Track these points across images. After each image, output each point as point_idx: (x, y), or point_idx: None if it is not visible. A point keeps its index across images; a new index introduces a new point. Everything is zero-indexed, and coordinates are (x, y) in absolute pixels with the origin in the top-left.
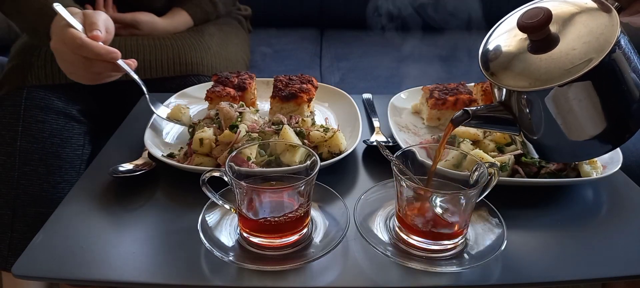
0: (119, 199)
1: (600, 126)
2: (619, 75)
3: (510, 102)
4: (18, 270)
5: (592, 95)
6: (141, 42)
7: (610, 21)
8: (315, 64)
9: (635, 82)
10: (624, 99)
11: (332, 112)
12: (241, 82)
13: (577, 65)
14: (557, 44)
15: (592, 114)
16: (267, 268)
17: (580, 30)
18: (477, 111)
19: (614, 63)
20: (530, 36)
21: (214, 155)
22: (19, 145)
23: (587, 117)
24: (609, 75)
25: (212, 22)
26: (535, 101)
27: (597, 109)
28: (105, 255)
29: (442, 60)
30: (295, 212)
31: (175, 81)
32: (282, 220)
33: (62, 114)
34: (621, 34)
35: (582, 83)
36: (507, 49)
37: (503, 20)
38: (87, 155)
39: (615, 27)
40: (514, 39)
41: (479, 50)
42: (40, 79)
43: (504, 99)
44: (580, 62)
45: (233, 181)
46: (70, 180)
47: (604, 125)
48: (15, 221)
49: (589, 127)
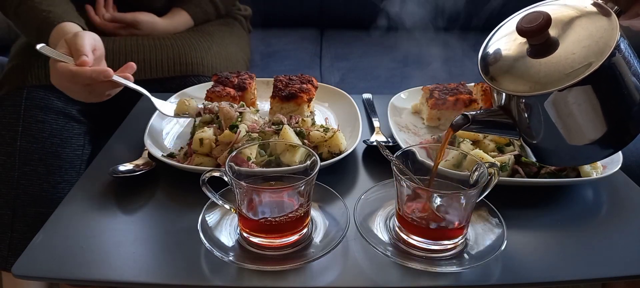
0: (119, 199)
1: (600, 130)
2: (619, 79)
3: (509, 106)
4: (18, 270)
5: (592, 99)
6: (141, 42)
7: (610, 25)
8: (315, 64)
9: (635, 86)
10: (624, 102)
11: (332, 112)
12: (241, 82)
13: (576, 69)
14: (557, 48)
15: (593, 118)
16: (267, 268)
17: (579, 34)
18: (476, 116)
19: (614, 67)
20: (529, 40)
21: (214, 155)
22: (19, 145)
23: (588, 121)
24: (609, 79)
25: (212, 22)
26: (534, 105)
27: (598, 113)
28: (105, 255)
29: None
30: (295, 212)
31: (175, 81)
32: (282, 220)
33: (62, 114)
34: (621, 37)
35: (582, 87)
36: (506, 53)
37: (502, 24)
38: (87, 155)
39: (614, 30)
40: (514, 43)
41: (479, 54)
42: (40, 79)
43: (503, 103)
44: (580, 66)
45: (233, 181)
46: (70, 180)
47: (605, 129)
48: (15, 221)
49: (589, 131)
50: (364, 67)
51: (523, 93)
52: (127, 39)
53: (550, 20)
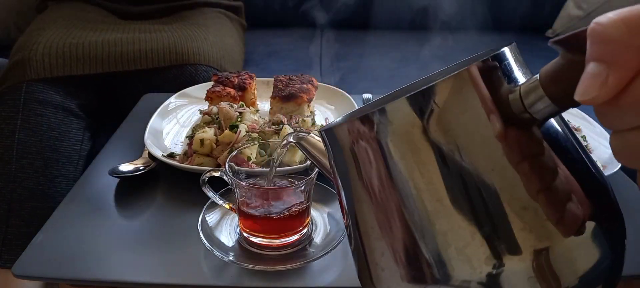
0: (119, 199)
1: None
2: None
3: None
4: (18, 270)
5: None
6: (137, 35)
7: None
8: (315, 64)
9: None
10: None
11: (332, 112)
12: (241, 82)
13: None
14: None
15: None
16: (267, 268)
17: None
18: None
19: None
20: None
21: (214, 155)
22: (17, 138)
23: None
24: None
25: (206, 15)
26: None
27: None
28: (105, 255)
29: (442, 60)
30: (295, 212)
31: (172, 71)
32: (282, 220)
33: (61, 108)
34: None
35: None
36: None
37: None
38: (85, 151)
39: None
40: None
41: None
42: (39, 73)
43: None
44: None
45: (233, 181)
46: (67, 175)
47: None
48: (10, 215)
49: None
50: (364, 67)
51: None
52: (123, 32)
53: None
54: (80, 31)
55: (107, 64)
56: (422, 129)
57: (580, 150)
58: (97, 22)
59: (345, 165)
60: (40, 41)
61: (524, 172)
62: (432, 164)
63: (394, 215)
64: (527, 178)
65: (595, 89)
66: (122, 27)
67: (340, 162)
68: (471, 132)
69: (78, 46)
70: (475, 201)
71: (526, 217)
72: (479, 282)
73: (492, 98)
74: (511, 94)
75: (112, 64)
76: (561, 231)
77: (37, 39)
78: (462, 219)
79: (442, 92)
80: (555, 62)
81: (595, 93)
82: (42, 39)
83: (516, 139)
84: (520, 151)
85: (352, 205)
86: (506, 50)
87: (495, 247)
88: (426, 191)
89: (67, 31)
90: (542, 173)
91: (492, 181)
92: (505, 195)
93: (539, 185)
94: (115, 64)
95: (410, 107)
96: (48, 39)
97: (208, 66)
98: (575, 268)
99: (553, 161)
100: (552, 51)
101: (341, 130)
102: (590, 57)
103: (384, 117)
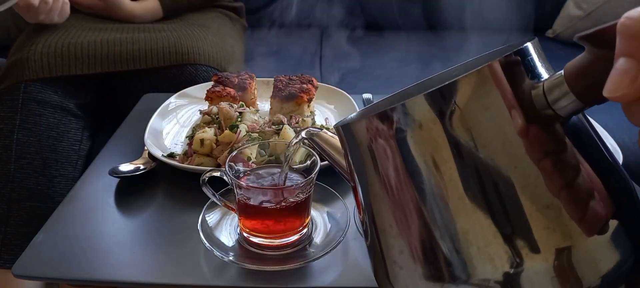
0: (119, 199)
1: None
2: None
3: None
4: (18, 270)
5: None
6: (136, 34)
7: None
8: (315, 64)
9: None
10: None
11: (332, 112)
12: (241, 82)
13: None
14: None
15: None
16: (267, 268)
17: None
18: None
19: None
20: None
21: (214, 155)
22: (16, 138)
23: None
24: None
25: (206, 15)
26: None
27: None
28: (105, 255)
29: (442, 60)
30: (295, 212)
31: (172, 71)
32: (282, 220)
33: (59, 108)
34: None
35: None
36: None
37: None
38: (84, 151)
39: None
40: None
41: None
42: (37, 72)
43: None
44: None
45: (233, 181)
46: (66, 175)
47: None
48: (10, 215)
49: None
50: (364, 67)
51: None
52: (122, 32)
53: None
54: (79, 31)
55: (106, 63)
56: (442, 125)
57: (602, 147)
58: (96, 22)
59: (363, 161)
60: (39, 41)
61: (546, 169)
62: (453, 161)
63: (413, 213)
64: (549, 175)
65: (625, 86)
66: (121, 27)
67: (356, 158)
68: (493, 129)
69: (77, 46)
70: (497, 199)
71: (549, 215)
72: (499, 282)
73: (514, 94)
74: (534, 90)
75: (111, 63)
76: (584, 230)
77: (36, 39)
78: (483, 217)
79: (464, 88)
80: (581, 57)
81: (624, 89)
82: (41, 38)
83: (538, 136)
84: (542, 148)
85: (369, 201)
86: (529, 45)
87: (516, 246)
88: (447, 189)
89: (65, 31)
90: (564, 171)
91: (514, 179)
92: (528, 193)
93: (561, 183)
94: (114, 64)
95: (431, 104)
96: (47, 39)
97: (208, 66)
98: (597, 268)
99: (576, 159)
100: (552, 51)
101: (359, 125)
102: (619, 53)
103: (403, 114)
